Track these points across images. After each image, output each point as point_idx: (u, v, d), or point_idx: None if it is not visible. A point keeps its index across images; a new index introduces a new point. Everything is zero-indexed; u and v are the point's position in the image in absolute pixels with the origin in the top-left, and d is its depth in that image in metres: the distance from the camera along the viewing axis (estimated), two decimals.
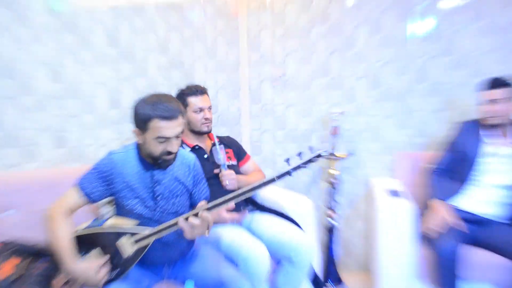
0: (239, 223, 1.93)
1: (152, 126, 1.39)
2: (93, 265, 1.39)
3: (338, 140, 2.51)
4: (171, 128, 1.39)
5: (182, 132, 1.44)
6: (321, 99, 2.63)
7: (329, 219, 2.50)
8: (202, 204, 1.44)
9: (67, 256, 1.38)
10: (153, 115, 1.38)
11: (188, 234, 1.41)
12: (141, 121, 1.40)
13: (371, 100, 2.56)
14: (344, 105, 2.58)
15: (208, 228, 1.42)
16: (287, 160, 1.44)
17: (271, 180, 1.43)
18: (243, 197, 1.42)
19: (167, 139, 1.41)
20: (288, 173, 1.44)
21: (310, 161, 1.45)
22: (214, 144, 2.06)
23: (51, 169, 1.99)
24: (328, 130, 2.56)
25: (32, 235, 1.56)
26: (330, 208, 2.51)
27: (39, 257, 1.47)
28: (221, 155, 1.97)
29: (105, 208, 1.89)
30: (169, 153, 1.43)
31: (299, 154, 1.44)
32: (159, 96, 1.42)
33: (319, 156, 1.46)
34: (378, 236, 2.12)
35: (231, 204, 1.44)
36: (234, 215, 1.58)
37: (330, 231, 2.50)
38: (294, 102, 2.67)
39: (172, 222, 1.42)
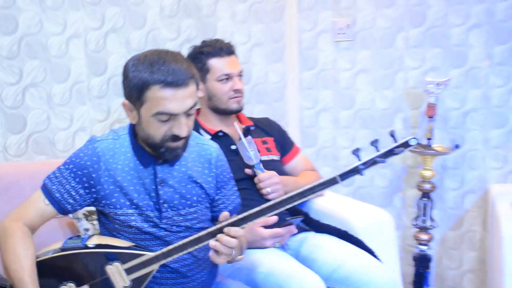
0: (282, 244, 1.94)
1: (149, 97, 1.39)
2: None
3: (436, 125, 2.49)
4: (177, 99, 1.39)
5: (195, 106, 1.44)
6: (411, 61, 2.63)
7: (420, 244, 2.53)
8: (225, 215, 1.45)
9: (29, 286, 1.37)
10: (151, 80, 1.38)
11: (215, 258, 1.43)
12: (134, 90, 1.41)
13: (493, 63, 2.54)
14: (447, 71, 2.57)
15: (241, 250, 1.47)
16: (356, 152, 1.42)
17: (332, 181, 1.43)
18: (289, 206, 1.43)
19: (171, 116, 1.41)
20: (357, 171, 1.43)
21: (391, 152, 1.42)
22: (247, 129, 2.11)
23: (1, 164, 2.02)
24: (421, 110, 2.55)
25: None
26: (422, 229, 2.52)
27: None
28: (252, 151, 1.98)
29: (82, 224, 1.92)
30: (176, 138, 1.44)
31: (375, 143, 1.43)
32: (161, 54, 1.43)
33: (406, 146, 1.43)
34: (505, 276, 2.08)
35: (272, 217, 1.47)
36: (277, 231, 1.62)
37: (421, 262, 2.51)
38: (368, 66, 2.67)
39: (190, 239, 1.42)
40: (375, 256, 1.90)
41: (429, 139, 2.47)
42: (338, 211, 2.10)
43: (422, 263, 2.52)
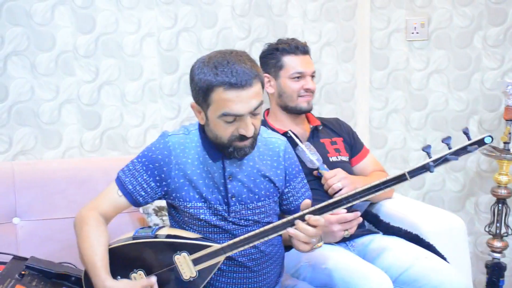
0: (349, 243, 1.96)
1: (214, 99, 1.41)
2: (137, 285, 1.41)
3: None
4: (241, 100, 1.40)
5: (260, 105, 1.45)
6: (489, 61, 2.56)
7: (493, 252, 2.45)
8: (307, 203, 1.46)
9: (101, 271, 1.40)
10: (215, 82, 1.39)
11: (298, 246, 1.45)
12: (200, 93, 1.43)
13: None
14: None
15: (320, 238, 1.49)
16: (427, 149, 1.40)
17: (401, 177, 1.41)
18: (357, 201, 1.43)
19: (237, 117, 1.42)
20: (427, 167, 1.39)
21: (464, 150, 1.40)
22: (315, 129, 2.11)
23: (76, 159, 2.08)
24: (498, 113, 2.47)
25: (49, 252, 1.68)
26: (495, 236, 2.45)
27: (61, 285, 1.54)
28: (312, 154, 1.97)
29: (152, 219, 1.95)
30: (243, 137, 1.44)
31: (447, 140, 1.40)
32: (225, 55, 1.43)
33: (481, 144, 1.41)
34: None
35: (342, 212, 1.48)
36: (344, 216, 1.59)
37: (495, 271, 2.43)
38: (442, 66, 2.62)
39: (257, 231, 1.44)
40: (446, 260, 1.86)
41: (506, 143, 2.37)
42: (408, 214, 2.07)
43: (495, 271, 2.43)
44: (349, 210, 1.50)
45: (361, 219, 1.88)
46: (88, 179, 1.91)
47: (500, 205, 2.42)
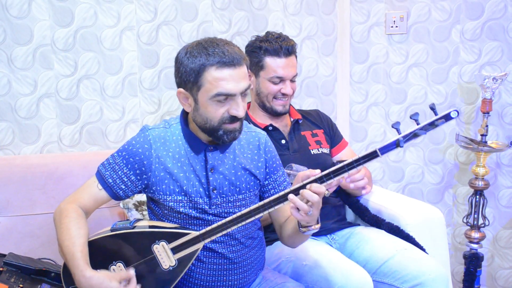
0: (329, 238, 1.97)
1: (207, 79, 1.43)
2: (116, 277, 1.40)
3: (491, 121, 2.44)
4: (234, 79, 1.43)
5: (249, 88, 1.47)
6: (466, 55, 2.56)
7: (471, 243, 2.48)
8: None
9: (80, 262, 1.40)
10: (207, 62, 1.42)
11: (295, 213, 1.44)
12: (191, 75, 1.44)
13: None
14: (505, 65, 2.50)
15: (317, 219, 1.49)
16: (396, 126, 1.42)
17: (372, 154, 1.42)
18: (339, 176, 1.44)
19: (229, 97, 1.44)
20: (397, 143, 1.40)
21: (432, 125, 1.41)
22: (296, 122, 2.11)
23: (55, 154, 2.06)
24: (475, 105, 2.49)
25: (28, 248, 1.71)
26: (473, 227, 2.48)
27: (40, 281, 1.53)
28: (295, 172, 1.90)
29: (136, 214, 1.95)
30: (233, 119, 1.46)
31: (415, 116, 1.42)
32: (212, 39, 1.47)
33: (447, 118, 1.41)
34: None
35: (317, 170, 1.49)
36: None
37: (472, 261, 2.45)
38: (421, 60, 2.61)
39: (233, 217, 1.45)
40: (425, 252, 1.88)
41: (483, 135, 2.39)
42: (388, 207, 2.08)
43: (473, 261, 2.45)
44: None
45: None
46: (67, 174, 1.88)
47: (477, 196, 2.44)
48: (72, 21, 2.02)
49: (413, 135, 1.40)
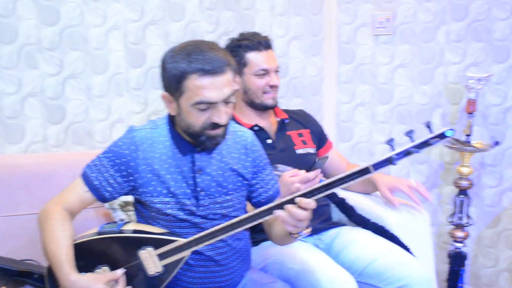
0: (316, 239, 1.95)
1: (188, 86, 1.41)
2: (101, 279, 1.40)
3: (475, 121, 2.45)
4: (216, 87, 1.40)
5: (233, 94, 1.45)
6: (451, 56, 2.58)
7: (455, 242, 2.49)
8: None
9: (65, 265, 1.39)
10: (189, 69, 1.39)
11: (285, 226, 1.42)
12: (173, 81, 1.42)
13: None
14: (489, 66, 2.53)
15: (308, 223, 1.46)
16: (390, 142, 1.40)
17: (364, 171, 1.40)
18: (331, 189, 1.41)
19: (210, 105, 1.42)
20: (389, 161, 1.39)
21: (426, 143, 1.40)
22: (282, 122, 2.11)
23: (40, 153, 2.04)
24: (460, 106, 2.52)
25: (12, 249, 1.69)
26: (457, 226, 2.49)
27: (23, 283, 1.53)
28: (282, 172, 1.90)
29: (118, 215, 1.93)
30: (215, 125, 1.44)
31: (409, 134, 1.41)
32: (197, 43, 1.45)
33: (442, 137, 1.41)
34: None
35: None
36: (306, 175, 1.62)
37: (457, 260, 2.47)
38: (407, 61, 2.63)
39: (222, 226, 1.43)
40: (410, 252, 1.88)
41: (468, 135, 2.40)
42: (373, 207, 2.07)
43: (457, 260, 2.46)
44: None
45: (322, 175, 1.92)
46: (52, 175, 1.85)
47: (462, 196, 2.45)
48: (58, 20, 2.00)
49: (406, 153, 1.39)
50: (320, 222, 1.97)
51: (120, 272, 1.41)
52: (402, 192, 1.97)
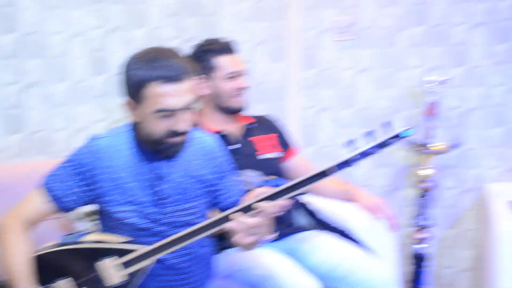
0: (282, 244, 1.93)
1: (149, 94, 1.40)
2: None
3: (435, 123, 2.49)
4: (176, 95, 1.40)
5: (193, 102, 1.45)
6: (412, 60, 2.61)
7: (417, 243, 2.51)
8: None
9: (22, 282, 1.39)
10: (149, 77, 1.39)
11: (239, 240, 1.42)
12: (134, 88, 1.42)
13: (493, 61, 2.55)
14: (448, 70, 2.56)
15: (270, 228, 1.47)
16: (350, 144, 1.42)
17: (321, 174, 1.41)
18: (291, 194, 1.42)
19: (171, 112, 1.42)
20: (347, 163, 1.41)
21: (384, 144, 1.41)
22: (248, 127, 2.11)
23: (1, 164, 2.02)
24: (421, 109, 2.52)
25: None
26: (419, 227, 2.52)
27: None
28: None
29: (82, 224, 1.92)
30: (176, 133, 1.44)
31: (369, 134, 1.42)
32: (158, 51, 1.45)
33: (399, 137, 1.42)
34: (496, 272, 2.15)
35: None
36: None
37: (419, 260, 2.51)
38: (369, 65, 2.65)
39: (185, 232, 1.43)
40: (374, 254, 1.89)
41: (429, 137, 2.44)
42: (336, 210, 2.08)
43: (420, 261, 2.51)
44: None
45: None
46: (10, 186, 1.81)
47: (424, 197, 2.49)
48: (16, 27, 1.97)
49: (366, 154, 1.41)
50: (284, 227, 1.96)
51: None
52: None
